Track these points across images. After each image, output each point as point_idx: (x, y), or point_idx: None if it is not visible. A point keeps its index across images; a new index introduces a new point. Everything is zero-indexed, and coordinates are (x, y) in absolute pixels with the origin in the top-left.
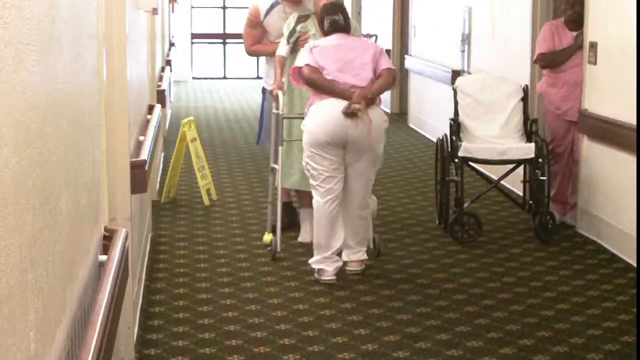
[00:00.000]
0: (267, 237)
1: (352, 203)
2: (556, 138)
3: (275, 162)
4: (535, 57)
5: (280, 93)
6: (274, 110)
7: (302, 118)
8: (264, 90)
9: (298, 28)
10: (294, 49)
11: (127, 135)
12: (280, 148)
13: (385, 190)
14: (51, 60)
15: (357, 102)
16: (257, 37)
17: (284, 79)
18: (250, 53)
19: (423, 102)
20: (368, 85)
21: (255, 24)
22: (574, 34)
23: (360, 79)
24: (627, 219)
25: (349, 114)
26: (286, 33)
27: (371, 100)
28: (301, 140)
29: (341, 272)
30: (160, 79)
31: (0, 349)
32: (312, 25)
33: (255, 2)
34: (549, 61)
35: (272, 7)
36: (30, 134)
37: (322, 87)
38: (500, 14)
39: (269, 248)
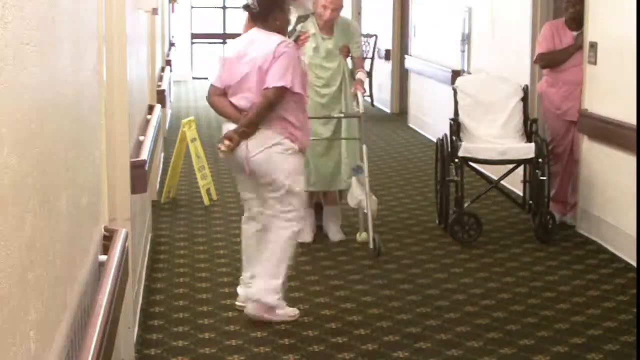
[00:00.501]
0: None
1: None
2: (556, 138)
3: None
4: (535, 57)
5: None
6: None
7: None
8: None
9: (298, 28)
10: None
11: (127, 135)
12: None
13: (385, 190)
14: (51, 60)
15: (228, 139)
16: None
17: None
18: None
19: (423, 102)
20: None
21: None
22: (574, 33)
23: (251, 101)
24: (627, 219)
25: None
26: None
27: (244, 133)
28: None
29: (341, 272)
30: (160, 79)
31: (0, 349)
32: (311, 25)
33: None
34: (548, 61)
35: None
36: (30, 134)
37: (218, 111)
38: (500, 14)
39: None
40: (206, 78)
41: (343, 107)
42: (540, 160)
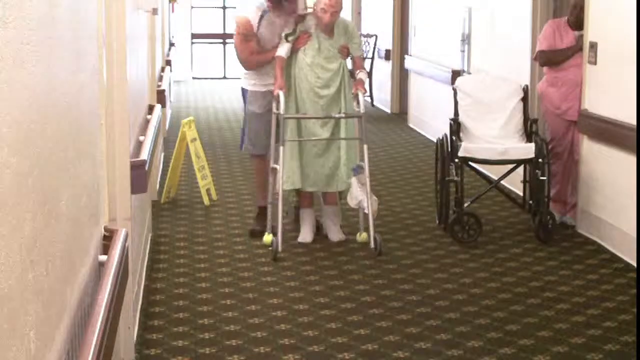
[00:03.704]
0: (268, 237)
1: None
2: (556, 137)
3: (276, 162)
4: (535, 54)
5: (281, 93)
6: (275, 111)
7: (301, 118)
8: (243, 91)
9: (298, 27)
10: (294, 49)
11: (127, 135)
12: (281, 148)
13: (385, 190)
14: (51, 60)
15: None
16: (252, 49)
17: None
18: (249, 64)
19: (423, 102)
20: None
21: (249, 36)
22: (576, 33)
23: None
24: (627, 219)
25: None
26: (284, 33)
27: None
28: (297, 140)
29: (341, 272)
30: (160, 79)
31: (0, 349)
32: (311, 24)
33: (244, 15)
34: (547, 59)
35: (262, 16)
36: (30, 134)
37: None
38: (500, 14)
39: (270, 248)
40: (206, 78)
41: (342, 107)
42: (540, 160)
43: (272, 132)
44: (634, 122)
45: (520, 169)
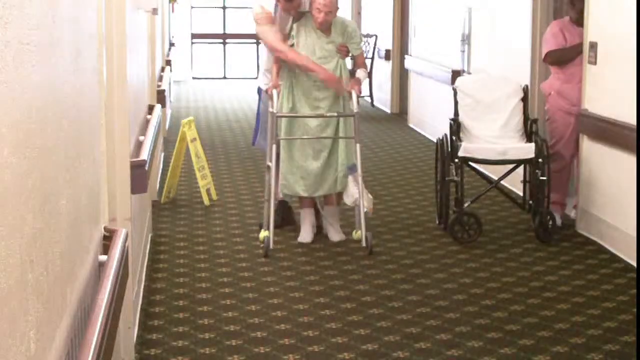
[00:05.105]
0: (263, 233)
1: None
2: (563, 137)
3: (271, 160)
4: (543, 55)
5: (275, 92)
6: (270, 109)
7: (293, 117)
8: (259, 90)
9: (294, 26)
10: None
11: (127, 135)
12: (273, 147)
13: (385, 190)
14: (51, 60)
15: None
16: (276, 27)
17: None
18: (285, 57)
19: (423, 102)
20: None
21: (271, 19)
22: (582, 29)
23: None
24: (627, 219)
25: None
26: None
27: None
28: (298, 138)
29: (341, 272)
30: (160, 79)
31: (0, 349)
32: (306, 24)
33: (259, 3)
34: (558, 58)
35: (276, 5)
36: (30, 134)
37: None
38: (500, 14)
39: (262, 245)
40: (206, 78)
41: (341, 108)
42: (540, 160)
43: (269, 132)
44: (634, 122)
45: (520, 169)
